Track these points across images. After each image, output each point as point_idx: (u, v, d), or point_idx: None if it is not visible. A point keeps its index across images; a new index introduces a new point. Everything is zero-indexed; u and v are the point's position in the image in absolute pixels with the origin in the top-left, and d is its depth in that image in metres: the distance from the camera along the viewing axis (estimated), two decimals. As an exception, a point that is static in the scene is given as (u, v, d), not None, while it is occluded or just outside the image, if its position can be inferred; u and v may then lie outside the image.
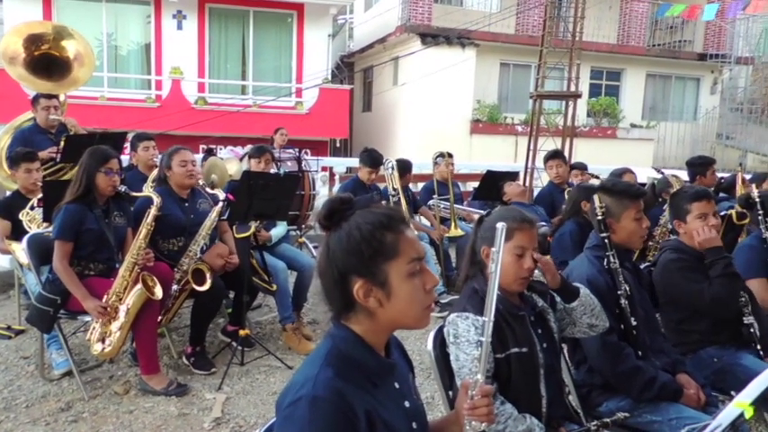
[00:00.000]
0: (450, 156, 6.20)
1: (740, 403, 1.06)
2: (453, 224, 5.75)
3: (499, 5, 15.52)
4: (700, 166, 5.37)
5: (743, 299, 2.72)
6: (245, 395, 3.55)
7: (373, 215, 1.30)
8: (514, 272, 1.97)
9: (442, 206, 5.98)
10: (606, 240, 2.43)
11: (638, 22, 16.75)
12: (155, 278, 3.42)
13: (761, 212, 3.24)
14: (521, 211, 2.07)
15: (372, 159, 5.54)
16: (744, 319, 2.72)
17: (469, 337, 1.88)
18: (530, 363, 1.96)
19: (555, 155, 5.83)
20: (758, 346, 2.69)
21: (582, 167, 5.99)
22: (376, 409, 1.25)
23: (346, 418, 1.19)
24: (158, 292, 3.40)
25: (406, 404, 1.37)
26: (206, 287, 3.70)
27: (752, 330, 2.71)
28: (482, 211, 5.70)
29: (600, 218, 2.45)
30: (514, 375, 1.94)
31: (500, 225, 1.39)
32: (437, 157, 6.25)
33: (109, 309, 3.32)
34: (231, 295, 4.31)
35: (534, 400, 1.98)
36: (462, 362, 1.89)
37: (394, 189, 5.66)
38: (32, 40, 5.10)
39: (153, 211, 3.52)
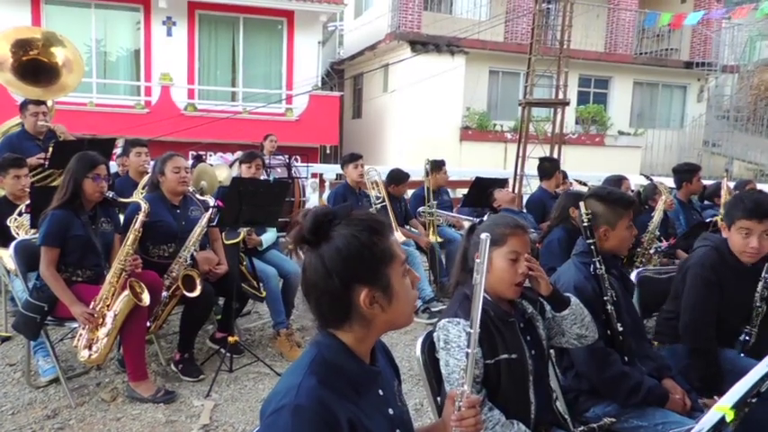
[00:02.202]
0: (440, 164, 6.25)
1: (721, 407, 1.08)
2: (432, 230, 5.80)
3: (488, 13, 15.62)
4: (686, 172, 5.44)
5: (760, 307, 2.70)
6: (234, 402, 3.54)
7: (363, 222, 1.30)
8: (509, 277, 1.98)
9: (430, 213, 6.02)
10: (592, 247, 2.45)
11: (625, 31, 16.91)
12: (142, 284, 3.40)
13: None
14: (513, 218, 2.11)
15: (349, 155, 5.76)
16: (746, 328, 2.72)
17: (460, 343, 1.88)
18: (519, 369, 1.97)
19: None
20: (741, 354, 2.72)
21: (563, 175, 6.04)
22: (359, 418, 1.25)
23: (329, 427, 1.19)
24: (146, 298, 3.38)
25: (390, 411, 1.37)
26: (196, 293, 3.69)
27: (747, 339, 2.72)
28: (471, 218, 5.72)
29: (586, 224, 2.47)
30: (504, 381, 1.94)
31: (484, 236, 1.40)
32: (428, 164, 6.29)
33: (96, 315, 3.30)
34: (220, 302, 4.30)
35: (523, 407, 1.99)
36: (452, 367, 1.90)
37: (377, 197, 5.71)
38: (21, 46, 5.09)
39: (141, 217, 3.51)
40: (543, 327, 2.13)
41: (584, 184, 5.53)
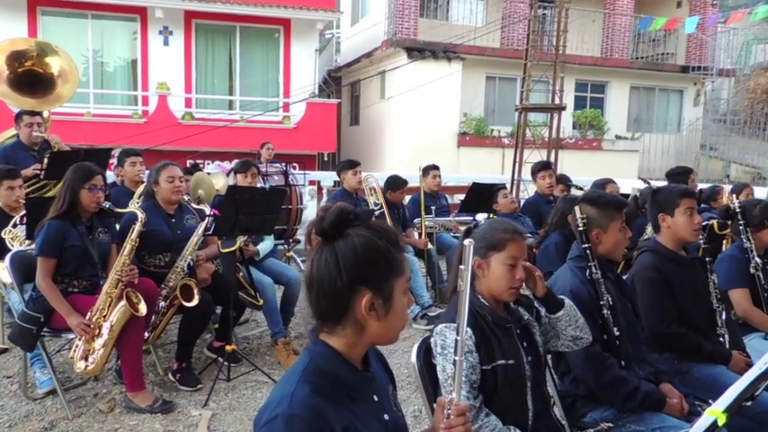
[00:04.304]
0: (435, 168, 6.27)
1: (713, 411, 1.08)
2: (424, 235, 5.80)
3: (484, 19, 15.68)
4: (678, 175, 5.54)
5: (719, 308, 2.75)
6: (232, 411, 3.53)
7: (383, 230, 1.33)
8: (507, 282, 2.00)
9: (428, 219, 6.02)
10: (588, 251, 2.45)
11: (621, 36, 16.97)
12: (139, 295, 3.39)
13: (741, 222, 3.28)
14: (512, 223, 2.11)
15: (348, 162, 5.77)
16: (716, 329, 2.75)
17: (458, 348, 1.88)
18: (516, 375, 1.97)
19: (545, 166, 5.88)
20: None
21: (565, 180, 6.02)
22: (354, 425, 1.25)
23: None
24: (142, 308, 3.37)
25: (385, 417, 1.37)
26: (194, 303, 3.68)
27: (721, 341, 2.75)
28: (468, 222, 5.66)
29: (581, 229, 2.47)
30: (501, 387, 1.94)
31: (467, 242, 1.40)
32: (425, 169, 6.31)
33: (92, 326, 3.29)
34: (218, 310, 4.29)
35: (520, 413, 1.99)
36: (449, 372, 1.89)
37: (375, 204, 5.71)
38: (16, 57, 5.10)
39: (137, 227, 3.51)
40: (539, 333, 2.13)
41: (580, 189, 5.53)
